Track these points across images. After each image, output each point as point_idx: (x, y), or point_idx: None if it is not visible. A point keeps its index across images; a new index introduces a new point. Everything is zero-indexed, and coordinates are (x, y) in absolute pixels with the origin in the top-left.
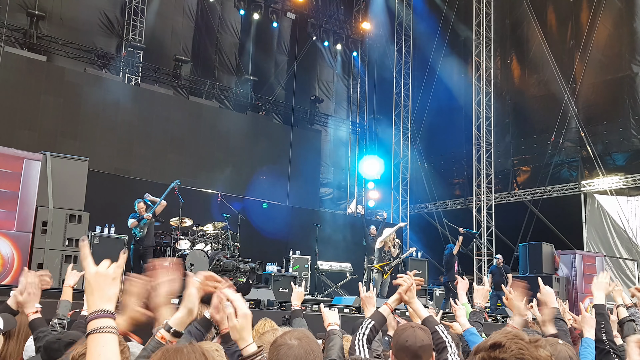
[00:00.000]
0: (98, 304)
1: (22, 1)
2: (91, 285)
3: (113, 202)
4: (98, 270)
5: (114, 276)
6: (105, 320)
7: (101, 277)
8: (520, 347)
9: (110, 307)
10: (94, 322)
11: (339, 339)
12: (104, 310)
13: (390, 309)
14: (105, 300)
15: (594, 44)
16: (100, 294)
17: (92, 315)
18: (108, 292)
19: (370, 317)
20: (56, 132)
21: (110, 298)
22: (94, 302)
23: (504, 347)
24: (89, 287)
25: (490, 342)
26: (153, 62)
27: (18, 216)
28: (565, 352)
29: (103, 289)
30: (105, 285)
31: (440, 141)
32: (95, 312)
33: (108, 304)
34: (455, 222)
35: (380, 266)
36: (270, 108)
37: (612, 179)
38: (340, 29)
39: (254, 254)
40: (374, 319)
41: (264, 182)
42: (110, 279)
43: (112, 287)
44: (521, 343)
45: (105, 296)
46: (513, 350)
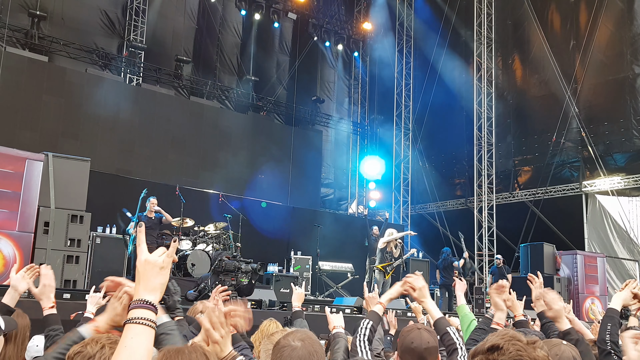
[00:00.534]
0: (141, 293)
1: (23, 1)
2: (139, 273)
3: (114, 202)
4: (148, 258)
5: (162, 265)
6: (143, 311)
7: (149, 265)
8: (518, 348)
9: (153, 298)
10: (132, 311)
11: (344, 341)
12: (145, 300)
13: (383, 307)
14: (150, 289)
15: (595, 45)
16: (145, 283)
17: (133, 304)
18: (154, 282)
19: (367, 318)
20: (57, 133)
21: (155, 288)
22: (138, 290)
23: (502, 349)
24: (138, 275)
25: (488, 345)
26: (154, 62)
27: (20, 216)
28: (568, 352)
29: (149, 278)
30: (152, 275)
31: (441, 141)
32: (136, 302)
33: (152, 295)
34: (457, 223)
35: (382, 267)
36: (272, 108)
37: (614, 180)
38: (341, 29)
39: (255, 255)
40: (371, 319)
41: (265, 182)
42: (158, 268)
43: (158, 277)
44: (519, 344)
45: (150, 286)
46: (511, 352)
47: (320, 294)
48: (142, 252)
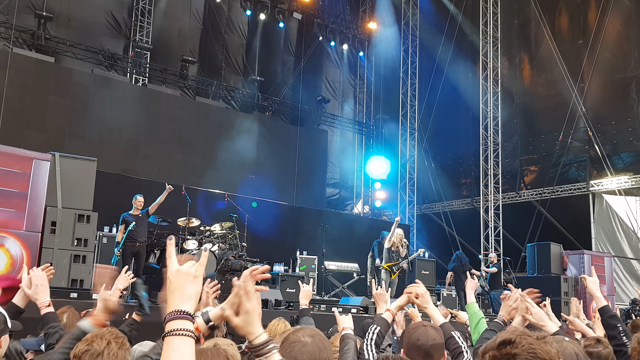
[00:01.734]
0: (177, 304)
1: (30, 2)
2: (172, 284)
3: (121, 202)
4: (180, 268)
5: (195, 274)
6: (181, 322)
7: (182, 275)
8: (530, 342)
9: (189, 308)
10: (170, 323)
11: (353, 342)
12: (181, 311)
13: (392, 315)
14: (185, 299)
15: (602, 44)
16: (180, 293)
17: (170, 316)
18: (188, 291)
19: (375, 324)
20: (64, 133)
21: (190, 297)
22: (174, 301)
23: (514, 343)
24: (170, 286)
25: (499, 340)
26: (160, 62)
27: (27, 216)
28: (571, 349)
29: (183, 287)
30: (185, 284)
31: (447, 141)
32: (173, 313)
33: (187, 304)
34: (463, 223)
35: (388, 266)
36: (277, 108)
37: (621, 179)
38: (346, 29)
39: (261, 254)
40: (379, 325)
41: (269, 182)
42: (191, 278)
43: (192, 286)
44: (530, 339)
45: (185, 295)
46: (524, 346)
47: (326, 294)
48: (173, 263)
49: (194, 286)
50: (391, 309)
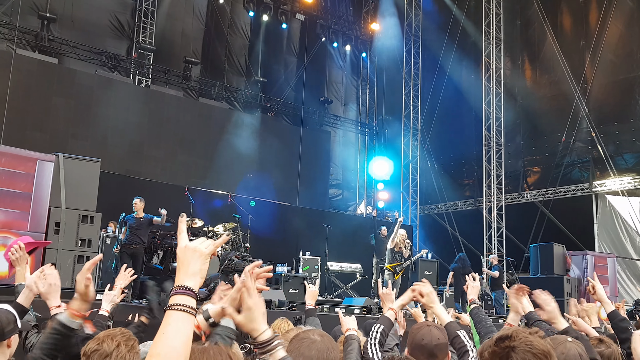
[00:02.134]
0: (181, 279)
1: (33, 4)
2: (179, 259)
3: (124, 203)
4: (188, 244)
5: (202, 252)
6: (182, 297)
7: (189, 250)
8: (526, 336)
9: (193, 284)
10: (172, 298)
11: (357, 343)
12: (184, 286)
13: (395, 313)
14: (190, 275)
15: (605, 44)
16: (185, 268)
17: (173, 291)
18: (193, 267)
19: (379, 323)
20: (67, 134)
21: (195, 273)
22: (179, 277)
23: (511, 337)
24: (178, 262)
25: (496, 337)
26: (163, 64)
27: (31, 217)
28: (574, 350)
29: (189, 263)
30: (191, 260)
31: (450, 142)
32: (177, 287)
33: (191, 280)
34: (466, 224)
35: (391, 267)
36: (280, 109)
37: (624, 180)
38: (349, 30)
39: (264, 255)
40: (383, 323)
41: (272, 183)
42: (198, 254)
43: (197, 262)
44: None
45: (190, 271)
46: (521, 339)
47: (329, 295)
48: (182, 239)
49: (200, 263)
50: (394, 307)
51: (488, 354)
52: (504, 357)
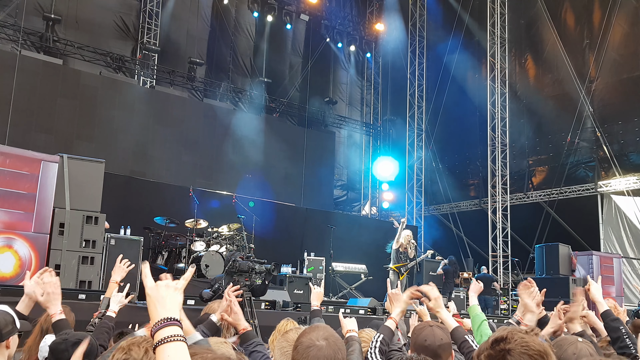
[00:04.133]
0: (161, 313)
1: (38, 5)
2: (151, 298)
3: (128, 203)
4: (158, 282)
5: (176, 287)
6: (169, 329)
7: (162, 287)
8: (521, 336)
9: (174, 314)
10: (158, 333)
11: (358, 344)
12: (167, 318)
13: (395, 323)
14: (168, 308)
15: (609, 43)
16: (162, 304)
17: (156, 326)
18: (170, 301)
19: (379, 332)
20: (72, 135)
21: (174, 305)
22: (157, 313)
23: (507, 339)
24: (150, 301)
25: (491, 340)
26: (168, 64)
27: (36, 217)
28: (585, 350)
29: (164, 298)
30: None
31: (454, 142)
32: (159, 322)
33: (171, 312)
34: (470, 224)
35: (396, 267)
36: (285, 110)
37: (629, 180)
38: (353, 31)
39: (268, 256)
40: (383, 333)
41: (277, 183)
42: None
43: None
44: (521, 333)
45: (168, 305)
46: (516, 340)
47: (334, 295)
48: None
49: (176, 296)
50: (394, 317)
51: (484, 357)
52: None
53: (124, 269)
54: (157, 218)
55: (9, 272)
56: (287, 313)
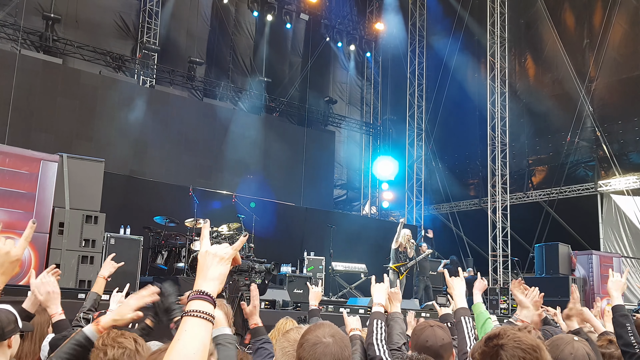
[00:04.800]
0: (199, 284)
1: (37, 4)
2: (199, 264)
3: (128, 203)
4: (208, 249)
5: (222, 256)
6: (200, 302)
7: (210, 255)
8: (514, 332)
9: (211, 289)
10: (189, 303)
11: (361, 343)
12: (201, 291)
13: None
14: (208, 280)
15: (609, 43)
16: (204, 273)
17: (191, 296)
18: (212, 272)
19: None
20: (72, 134)
21: (213, 278)
22: (198, 282)
23: (499, 335)
24: (198, 266)
25: (485, 337)
26: (168, 64)
27: (35, 217)
28: (582, 350)
29: (208, 267)
30: (211, 265)
31: (454, 141)
32: (194, 292)
33: (209, 285)
34: (470, 223)
35: (396, 267)
36: (284, 109)
37: (629, 179)
38: (353, 30)
39: (268, 255)
40: (380, 318)
41: (276, 183)
42: (218, 259)
43: (217, 267)
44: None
45: (208, 276)
46: (509, 336)
47: (334, 295)
48: (204, 244)
49: (220, 267)
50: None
51: (478, 354)
52: (494, 355)
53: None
54: (157, 217)
55: None
56: (286, 312)
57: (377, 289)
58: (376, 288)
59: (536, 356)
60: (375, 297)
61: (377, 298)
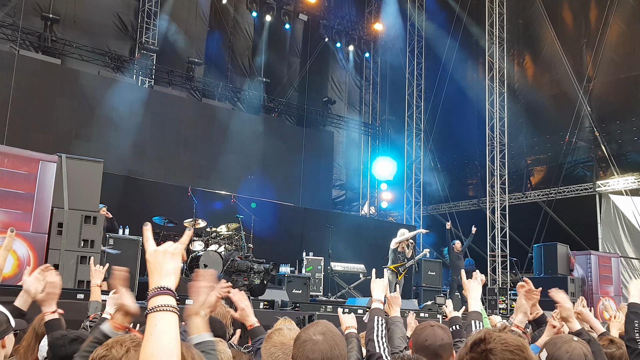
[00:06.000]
0: (156, 281)
1: (36, 4)
2: (150, 263)
3: (127, 203)
4: (157, 248)
5: (172, 252)
6: (162, 297)
7: (159, 253)
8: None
9: (169, 283)
10: (151, 300)
11: (357, 341)
12: (161, 287)
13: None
14: (164, 275)
15: (607, 43)
16: (158, 270)
17: (151, 293)
18: (167, 268)
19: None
20: (71, 135)
21: (169, 273)
22: (153, 280)
23: (485, 339)
24: (149, 266)
25: (470, 343)
26: (166, 64)
27: (34, 217)
28: (579, 350)
29: (162, 264)
30: (164, 262)
31: (453, 142)
32: (153, 290)
33: (167, 280)
34: (469, 224)
35: (394, 267)
36: (283, 110)
37: (628, 179)
38: (352, 30)
39: (267, 256)
40: (379, 314)
41: (275, 183)
42: (169, 255)
43: (171, 262)
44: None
45: (164, 272)
46: (495, 339)
47: (333, 295)
48: (150, 245)
49: (173, 262)
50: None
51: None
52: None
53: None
54: (156, 218)
55: (7, 271)
56: (285, 312)
57: (377, 286)
58: (376, 284)
59: (524, 356)
60: (375, 293)
61: (376, 295)
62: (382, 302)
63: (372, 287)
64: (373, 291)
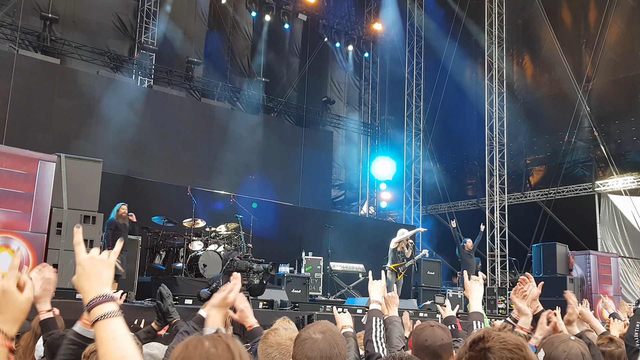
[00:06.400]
0: (98, 289)
1: (35, 4)
2: (86, 270)
3: (126, 203)
4: (93, 255)
5: (109, 262)
6: (110, 304)
7: (97, 261)
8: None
9: (109, 292)
10: (99, 307)
11: (354, 340)
12: (105, 295)
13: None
14: (105, 284)
15: (606, 43)
16: (97, 278)
17: (95, 301)
18: (105, 276)
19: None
20: (70, 134)
21: (108, 282)
22: (92, 287)
23: (484, 338)
24: (84, 272)
25: (469, 342)
26: (166, 64)
27: (33, 217)
28: (577, 349)
29: (100, 273)
30: (102, 270)
31: (452, 142)
32: (98, 298)
33: (106, 289)
34: (468, 223)
35: (394, 267)
36: (282, 109)
37: (627, 179)
38: (351, 30)
39: (266, 255)
40: (377, 315)
41: (274, 183)
42: (106, 264)
43: (107, 272)
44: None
45: (104, 280)
46: (494, 338)
47: (332, 295)
48: (82, 250)
49: (109, 272)
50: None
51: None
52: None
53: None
54: (155, 218)
55: (5, 272)
56: (284, 312)
57: (374, 287)
58: (374, 285)
59: (522, 355)
60: (372, 294)
61: (374, 296)
62: (380, 303)
63: (369, 288)
64: (371, 292)
